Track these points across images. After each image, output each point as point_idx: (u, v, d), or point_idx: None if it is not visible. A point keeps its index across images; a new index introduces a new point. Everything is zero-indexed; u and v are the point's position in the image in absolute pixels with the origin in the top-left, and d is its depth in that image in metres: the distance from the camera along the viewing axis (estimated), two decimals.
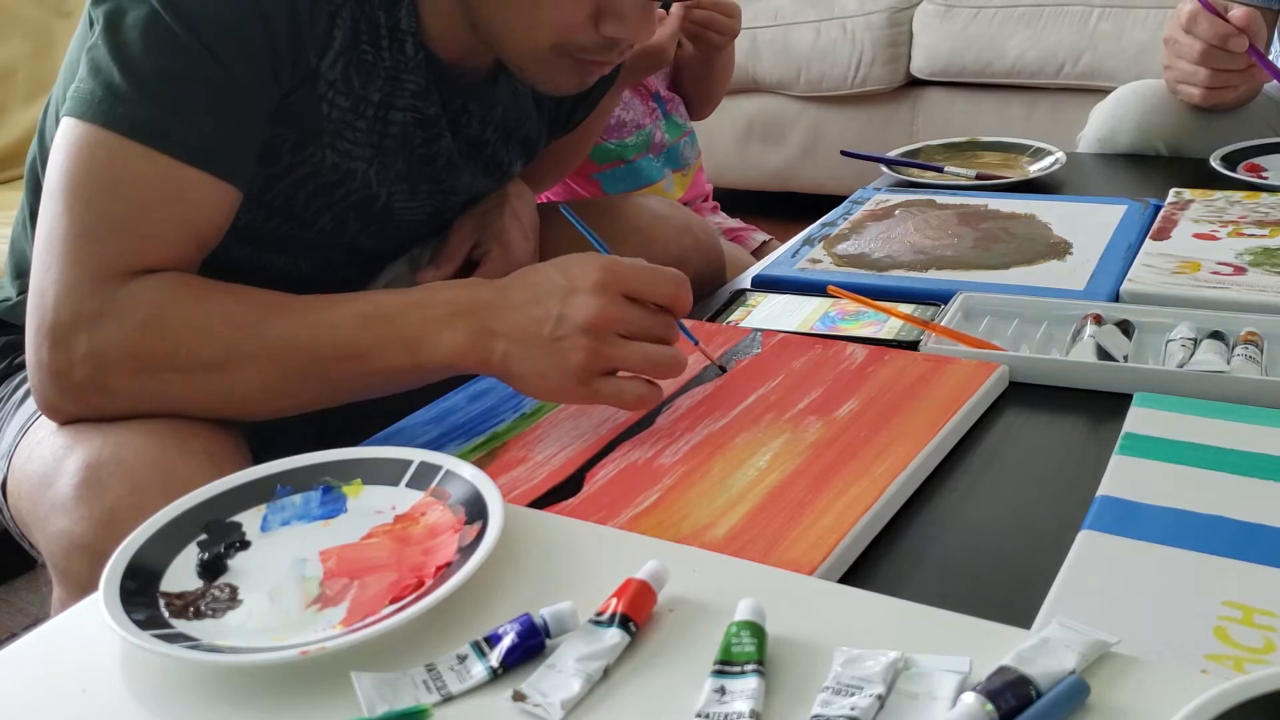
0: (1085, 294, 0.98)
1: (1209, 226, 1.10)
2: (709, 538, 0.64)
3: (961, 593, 0.62)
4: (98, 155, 0.76)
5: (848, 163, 2.33)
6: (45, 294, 0.76)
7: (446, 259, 1.02)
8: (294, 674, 0.52)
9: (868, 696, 0.47)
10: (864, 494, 0.68)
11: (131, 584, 0.57)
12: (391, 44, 0.86)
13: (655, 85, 1.58)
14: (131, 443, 0.74)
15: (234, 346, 0.75)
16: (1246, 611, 0.55)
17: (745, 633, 0.51)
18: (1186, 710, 0.40)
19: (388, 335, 0.76)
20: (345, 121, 0.86)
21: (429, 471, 0.65)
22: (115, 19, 0.76)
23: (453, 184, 0.99)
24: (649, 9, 0.84)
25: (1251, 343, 0.84)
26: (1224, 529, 0.62)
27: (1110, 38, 2.52)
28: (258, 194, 0.86)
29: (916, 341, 0.90)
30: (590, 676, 0.50)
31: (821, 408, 0.79)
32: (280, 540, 0.63)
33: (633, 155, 1.55)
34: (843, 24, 2.77)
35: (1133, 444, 0.71)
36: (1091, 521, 0.63)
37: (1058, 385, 0.84)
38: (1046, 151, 1.42)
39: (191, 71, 0.76)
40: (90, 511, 0.71)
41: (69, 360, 0.75)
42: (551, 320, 0.73)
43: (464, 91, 0.94)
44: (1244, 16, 1.25)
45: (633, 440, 0.76)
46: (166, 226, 0.78)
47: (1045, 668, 0.47)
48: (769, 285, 1.07)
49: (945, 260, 1.08)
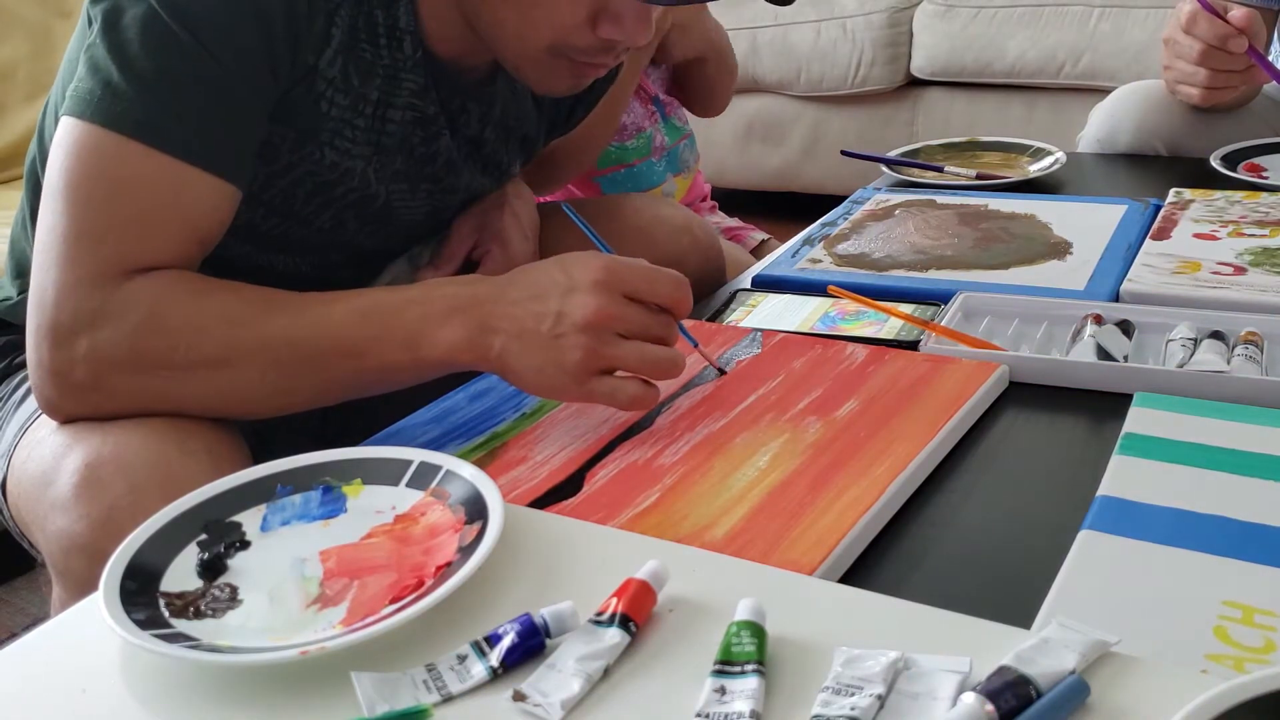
0: (1085, 294, 0.98)
1: (1209, 226, 1.10)
2: (709, 538, 0.64)
3: (961, 593, 0.62)
4: (96, 155, 0.76)
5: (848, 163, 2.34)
6: (45, 294, 0.76)
7: (446, 259, 1.02)
8: (294, 674, 0.52)
9: (868, 696, 0.47)
10: (864, 494, 0.68)
11: (131, 584, 0.57)
12: (390, 42, 0.86)
13: (655, 89, 1.58)
14: (131, 442, 0.74)
15: (232, 344, 0.75)
16: (1247, 611, 0.55)
17: (745, 633, 0.51)
18: (1186, 710, 0.40)
19: (386, 331, 0.76)
20: (344, 120, 0.86)
21: (429, 471, 0.65)
22: (113, 18, 0.76)
23: (452, 183, 0.99)
24: (646, 12, 0.84)
25: (1252, 343, 0.84)
26: (1224, 529, 0.62)
27: (1110, 38, 2.52)
28: (257, 192, 0.86)
29: (916, 341, 0.90)
30: (590, 676, 0.50)
31: (821, 408, 0.79)
32: (280, 540, 0.63)
33: (634, 159, 1.54)
34: (843, 24, 2.77)
35: (1133, 444, 0.71)
36: (1092, 521, 0.63)
37: (1058, 385, 0.84)
38: (1046, 151, 1.42)
39: (190, 70, 0.76)
40: (90, 511, 0.71)
41: (69, 359, 0.75)
42: (550, 317, 0.73)
43: (463, 90, 0.94)
44: (1244, 17, 1.25)
45: (633, 440, 0.76)
46: (166, 225, 0.77)
47: (1045, 668, 0.47)
48: (769, 285, 1.07)
49: (945, 260, 1.08)
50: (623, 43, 0.85)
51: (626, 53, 0.90)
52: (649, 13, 0.84)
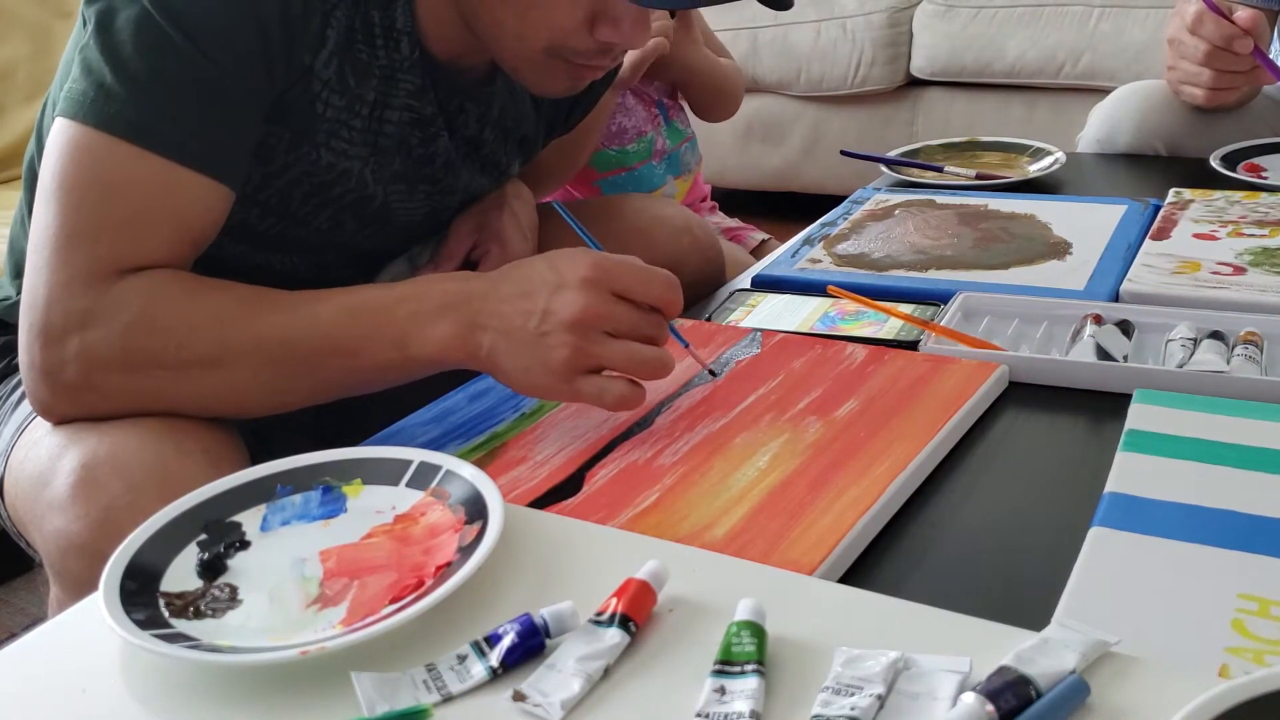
0: (1085, 294, 0.98)
1: (1209, 226, 1.10)
2: (709, 538, 0.64)
3: (961, 593, 0.62)
4: (90, 156, 0.76)
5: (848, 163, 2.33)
6: (37, 294, 0.76)
7: (445, 258, 1.02)
8: (294, 674, 0.52)
9: (868, 696, 0.47)
10: (864, 494, 0.68)
11: (131, 584, 0.57)
12: (387, 43, 0.86)
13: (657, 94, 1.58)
14: (127, 442, 0.73)
15: (224, 342, 0.75)
16: (1262, 604, 0.56)
17: (745, 633, 0.51)
18: (1185, 711, 0.40)
19: (376, 329, 0.76)
20: (340, 120, 0.86)
21: (429, 471, 0.65)
22: (107, 19, 0.76)
23: (450, 183, 0.99)
24: (643, 15, 0.84)
25: (1251, 342, 0.84)
26: (1234, 523, 0.62)
27: (1110, 38, 2.52)
28: (253, 192, 0.86)
29: (916, 341, 0.90)
30: (590, 676, 0.50)
31: (821, 408, 0.79)
32: (280, 540, 0.63)
33: (635, 162, 1.54)
34: (843, 24, 2.77)
35: (1136, 440, 0.71)
36: (1102, 518, 0.64)
37: (1057, 385, 0.84)
38: (1046, 151, 1.42)
39: (183, 71, 0.76)
40: (86, 511, 0.71)
41: (60, 359, 0.75)
42: (537, 315, 0.73)
43: (461, 91, 0.94)
44: (1249, 18, 1.25)
45: (633, 440, 0.76)
46: (159, 227, 0.77)
47: (1045, 668, 0.47)
48: (769, 285, 1.07)
49: (945, 260, 1.08)
50: (619, 45, 0.85)
51: (623, 55, 0.90)
52: (647, 16, 0.84)
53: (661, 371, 0.75)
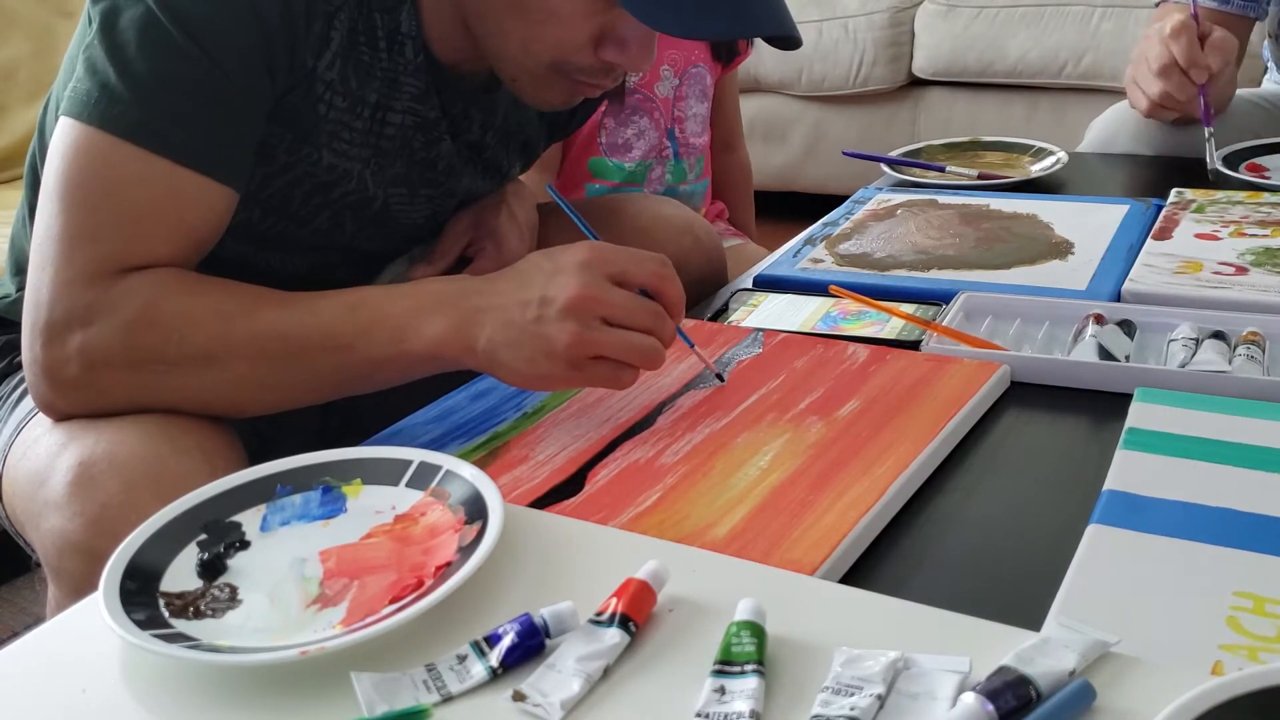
0: (1087, 294, 0.98)
1: (1210, 226, 1.10)
2: (710, 538, 0.64)
3: (962, 593, 0.62)
4: (93, 157, 0.76)
5: (849, 162, 2.34)
6: (39, 292, 0.76)
7: (438, 255, 1.02)
8: (294, 674, 0.52)
9: (868, 696, 0.47)
10: (865, 494, 0.68)
11: (131, 584, 0.57)
12: (390, 46, 0.86)
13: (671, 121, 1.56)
14: (124, 441, 0.74)
15: (223, 337, 0.75)
16: (1258, 601, 0.56)
17: (745, 633, 0.51)
18: (1167, 711, 0.40)
19: (372, 324, 0.76)
20: (342, 122, 0.86)
21: (429, 471, 0.65)
22: (111, 19, 0.76)
23: (452, 186, 0.99)
24: (651, 38, 0.83)
25: (1253, 343, 0.84)
26: (1231, 521, 0.62)
27: (1112, 37, 2.52)
28: (254, 192, 0.86)
29: (918, 341, 0.89)
30: (590, 676, 0.50)
31: (823, 407, 0.79)
32: (280, 540, 0.62)
33: (625, 182, 1.53)
34: (844, 24, 2.77)
35: (1136, 439, 0.71)
36: (1100, 516, 0.64)
37: (1059, 385, 0.84)
38: (1048, 151, 1.42)
39: (187, 72, 0.76)
40: (83, 509, 0.71)
41: (62, 357, 0.75)
42: (535, 303, 0.73)
43: (465, 96, 0.94)
44: (1222, 40, 1.26)
45: (634, 440, 0.76)
46: (162, 227, 0.78)
47: (1045, 668, 0.47)
48: (771, 285, 1.07)
49: (947, 260, 1.08)
50: (623, 67, 0.85)
51: (623, 75, 0.90)
52: (653, 41, 0.84)
53: (656, 359, 0.75)
